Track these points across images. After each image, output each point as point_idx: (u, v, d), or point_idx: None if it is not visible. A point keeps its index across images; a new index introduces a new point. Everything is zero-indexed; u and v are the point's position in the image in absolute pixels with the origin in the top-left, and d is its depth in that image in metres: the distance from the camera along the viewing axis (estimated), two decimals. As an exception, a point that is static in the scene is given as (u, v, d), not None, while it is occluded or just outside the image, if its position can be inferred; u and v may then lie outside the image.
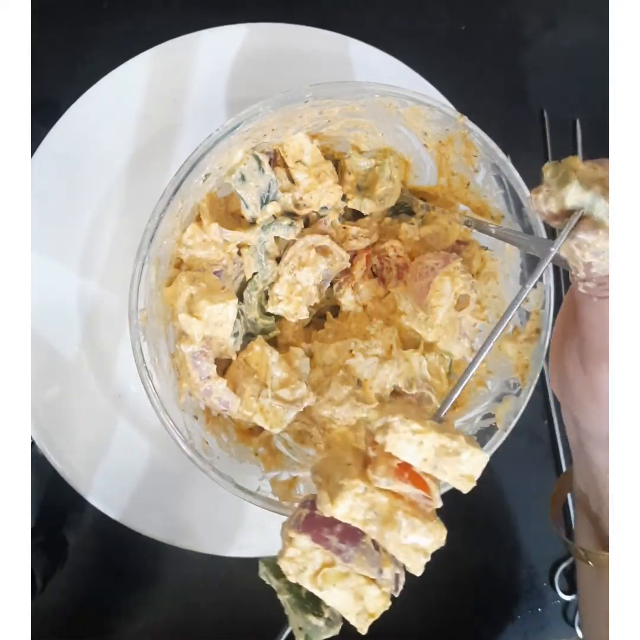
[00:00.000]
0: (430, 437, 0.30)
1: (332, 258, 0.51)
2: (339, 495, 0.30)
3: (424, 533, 0.31)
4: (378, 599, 0.32)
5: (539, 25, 0.63)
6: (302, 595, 0.33)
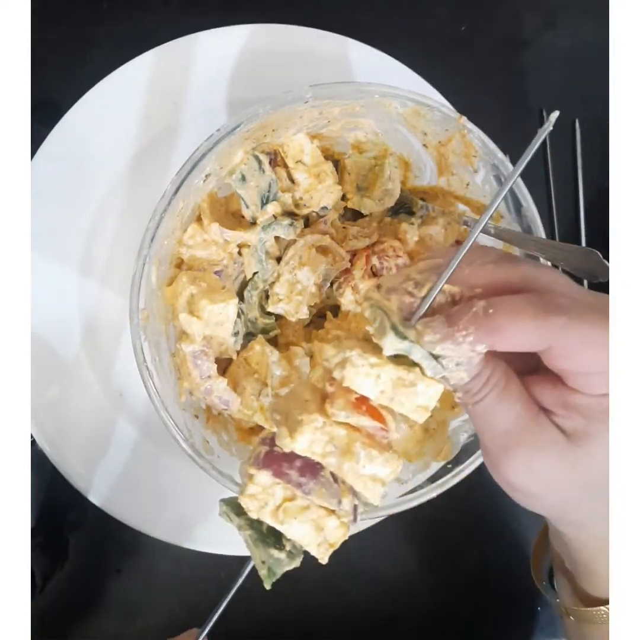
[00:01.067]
0: (388, 370, 0.30)
1: (332, 258, 0.51)
2: (298, 429, 0.31)
3: (381, 463, 0.31)
4: (337, 529, 0.33)
5: (539, 25, 0.63)
6: (263, 531, 0.34)
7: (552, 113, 0.29)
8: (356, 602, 0.60)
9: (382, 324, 0.30)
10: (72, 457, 0.54)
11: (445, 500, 0.46)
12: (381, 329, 0.30)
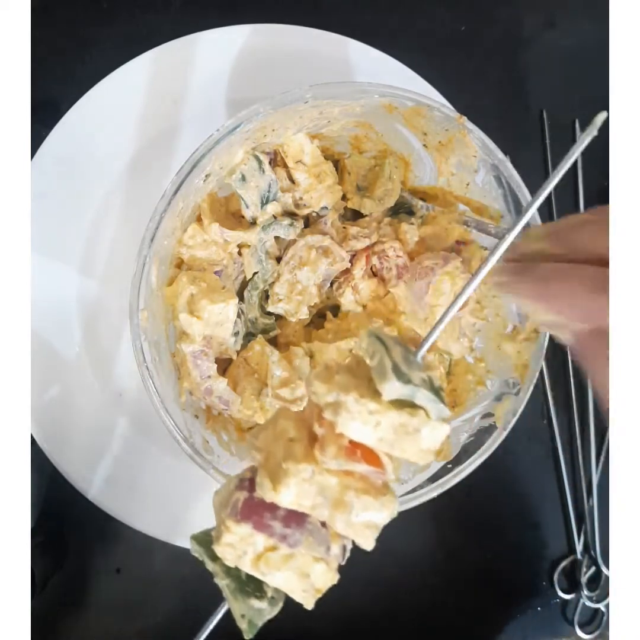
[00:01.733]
0: (389, 417, 0.26)
1: (332, 258, 0.51)
2: (283, 481, 0.27)
3: (377, 509, 0.28)
4: (325, 574, 0.30)
5: (539, 25, 0.63)
6: (242, 578, 0.30)
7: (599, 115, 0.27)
8: (356, 602, 0.60)
9: (382, 364, 0.27)
10: (72, 457, 0.54)
11: (445, 500, 0.46)
12: (380, 369, 0.27)
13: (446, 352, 0.52)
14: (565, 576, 0.62)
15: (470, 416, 0.50)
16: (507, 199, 0.47)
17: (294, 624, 0.59)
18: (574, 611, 0.61)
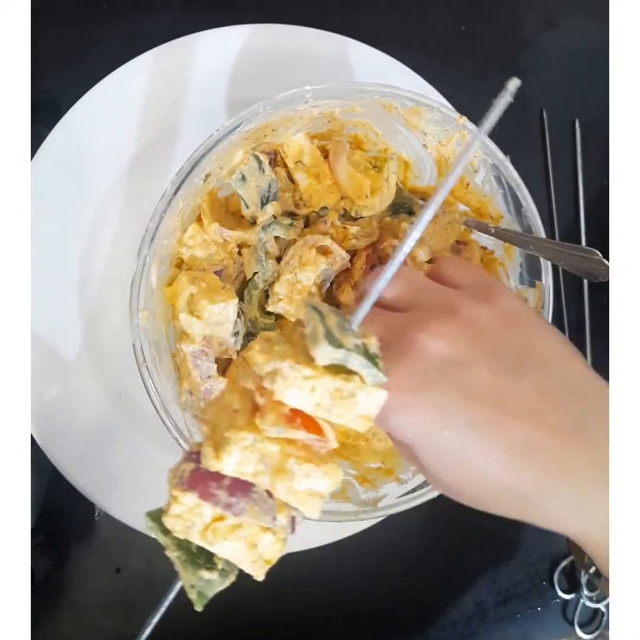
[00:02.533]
0: (324, 382, 0.27)
1: (332, 258, 0.51)
2: (225, 449, 0.27)
3: (320, 477, 0.29)
4: (273, 544, 0.30)
5: (539, 25, 0.63)
6: (192, 550, 0.31)
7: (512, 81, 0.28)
8: (356, 602, 0.60)
9: (315, 330, 0.27)
10: (72, 457, 0.54)
11: (445, 500, 0.46)
12: (313, 335, 0.27)
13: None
14: (565, 576, 0.62)
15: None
16: (507, 199, 0.47)
17: (295, 622, 0.60)
18: (574, 611, 0.61)
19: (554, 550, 0.62)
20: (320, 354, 0.27)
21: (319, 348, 0.27)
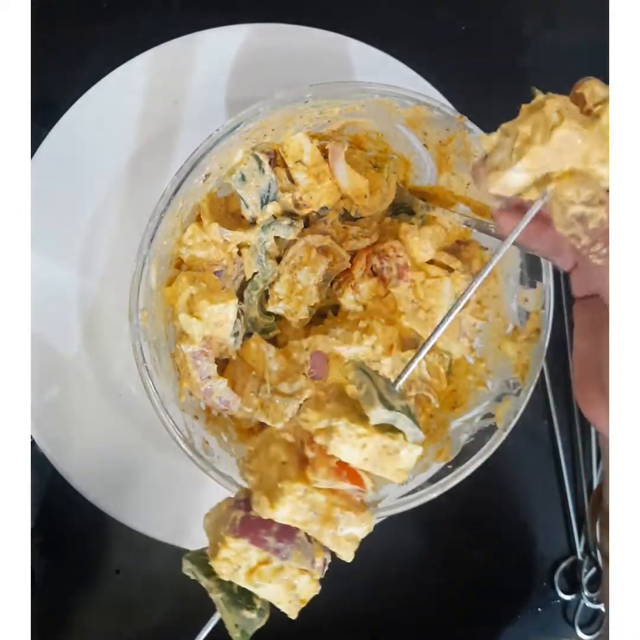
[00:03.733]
0: (374, 439, 0.30)
1: (332, 258, 0.51)
2: (280, 499, 0.30)
3: (358, 524, 0.31)
4: (309, 585, 0.33)
5: (539, 25, 0.63)
6: (234, 591, 0.33)
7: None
8: (356, 602, 0.60)
9: (369, 393, 0.30)
10: (71, 457, 0.54)
11: (445, 500, 0.46)
12: (368, 398, 0.30)
13: (446, 352, 0.52)
14: (566, 577, 0.62)
15: (471, 417, 0.50)
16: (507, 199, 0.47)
17: (295, 624, 0.60)
18: (575, 612, 0.61)
19: (554, 550, 0.62)
20: (376, 414, 0.30)
21: (375, 410, 0.30)
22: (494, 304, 0.51)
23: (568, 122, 0.29)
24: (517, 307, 0.49)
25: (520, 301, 0.48)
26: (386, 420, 0.30)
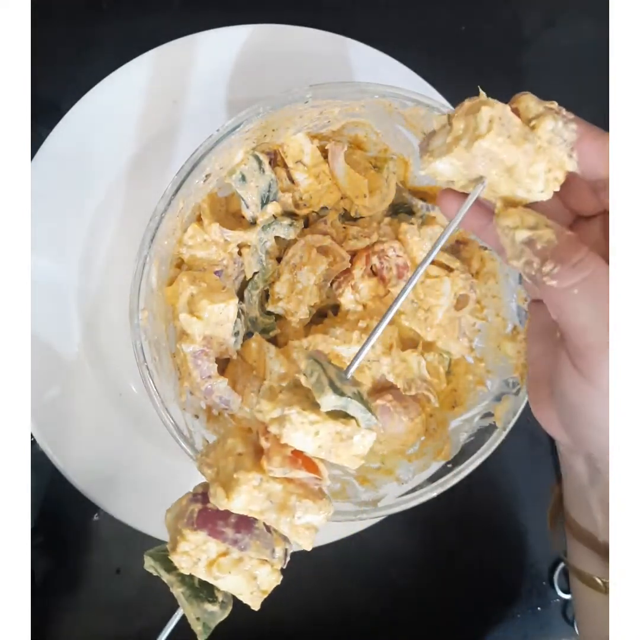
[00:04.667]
0: (327, 426, 0.30)
1: (332, 258, 0.51)
2: (235, 489, 0.30)
3: (316, 511, 0.32)
4: (270, 575, 0.33)
5: (539, 25, 0.63)
6: (195, 585, 0.34)
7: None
8: (356, 602, 0.60)
9: (320, 381, 0.31)
10: (72, 457, 0.54)
11: (445, 499, 0.46)
12: (319, 385, 0.30)
13: (446, 352, 0.52)
14: (566, 576, 0.62)
15: (470, 416, 0.50)
16: (507, 199, 0.47)
17: (294, 622, 0.60)
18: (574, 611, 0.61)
19: (554, 550, 0.62)
20: (326, 401, 0.30)
21: (325, 396, 0.30)
22: (493, 304, 0.51)
23: (494, 136, 0.29)
24: (516, 307, 0.49)
25: (520, 301, 0.48)
26: (337, 406, 0.30)
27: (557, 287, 0.29)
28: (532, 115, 0.29)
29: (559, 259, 0.28)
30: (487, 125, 0.28)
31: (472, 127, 0.29)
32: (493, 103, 0.29)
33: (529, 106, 0.29)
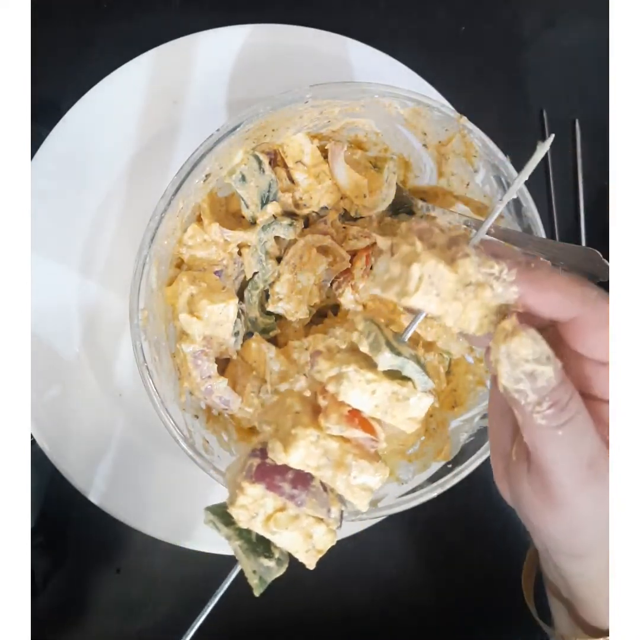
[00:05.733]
0: (384, 385, 0.31)
1: (332, 258, 0.51)
2: (293, 444, 0.31)
3: (372, 473, 0.32)
4: (326, 535, 0.34)
5: (539, 25, 0.63)
6: (252, 540, 0.34)
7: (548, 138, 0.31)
8: (356, 602, 0.60)
9: (377, 340, 0.31)
10: (72, 457, 0.54)
11: (445, 500, 0.46)
12: (376, 345, 0.31)
13: (446, 352, 0.52)
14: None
15: (470, 416, 0.50)
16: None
17: (295, 622, 0.60)
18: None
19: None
20: (383, 360, 0.30)
21: (382, 355, 0.30)
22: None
23: (421, 295, 0.29)
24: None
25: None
26: (394, 366, 0.30)
27: (545, 426, 0.28)
28: (470, 282, 0.29)
29: (555, 401, 0.28)
30: (416, 284, 0.28)
31: (404, 278, 0.29)
32: (425, 259, 0.28)
33: (467, 272, 0.29)
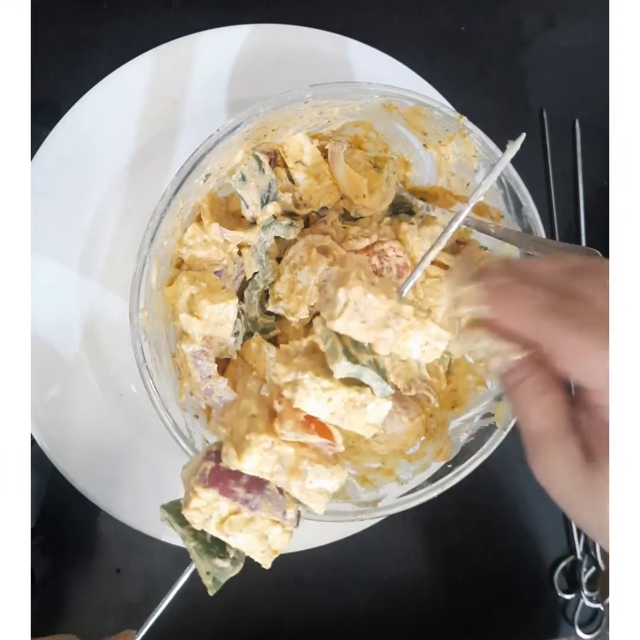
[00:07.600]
0: (340, 393, 0.30)
1: (332, 258, 0.51)
2: (246, 450, 0.30)
3: (328, 477, 0.32)
4: (281, 536, 0.33)
5: (539, 25, 0.64)
6: (207, 540, 0.34)
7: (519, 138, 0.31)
8: (356, 602, 0.60)
9: (334, 347, 0.30)
10: (72, 457, 0.54)
11: (445, 500, 0.46)
12: (333, 352, 0.30)
13: (446, 352, 0.52)
14: (566, 576, 0.62)
15: (471, 416, 0.50)
16: (507, 199, 0.47)
17: (295, 622, 0.60)
18: (574, 611, 0.61)
19: (554, 550, 0.62)
20: (339, 367, 0.30)
21: (339, 363, 0.30)
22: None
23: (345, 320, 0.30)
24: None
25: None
26: (351, 374, 0.30)
27: None
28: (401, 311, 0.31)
29: None
30: (341, 309, 0.29)
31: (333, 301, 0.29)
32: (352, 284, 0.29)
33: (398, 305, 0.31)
